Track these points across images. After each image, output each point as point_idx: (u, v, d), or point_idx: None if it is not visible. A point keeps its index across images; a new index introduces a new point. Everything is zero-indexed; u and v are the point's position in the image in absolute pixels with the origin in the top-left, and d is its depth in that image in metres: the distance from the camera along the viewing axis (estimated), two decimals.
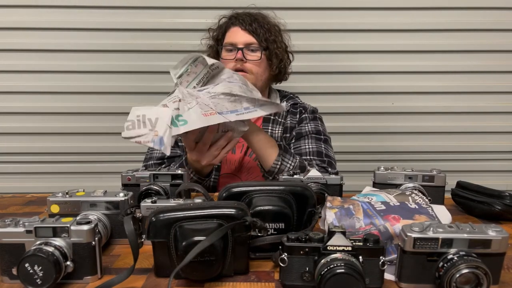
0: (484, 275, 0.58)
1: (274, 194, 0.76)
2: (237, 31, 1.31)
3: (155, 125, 0.92)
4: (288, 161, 1.17)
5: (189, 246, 0.63)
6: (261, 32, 1.30)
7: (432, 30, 1.85)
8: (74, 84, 1.86)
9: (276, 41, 1.33)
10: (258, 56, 1.30)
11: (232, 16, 1.35)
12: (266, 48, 1.31)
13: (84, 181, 1.93)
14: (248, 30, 1.30)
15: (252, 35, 1.30)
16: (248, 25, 1.30)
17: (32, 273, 0.61)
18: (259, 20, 1.32)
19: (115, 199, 0.80)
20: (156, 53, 1.85)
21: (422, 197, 0.84)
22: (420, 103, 1.92)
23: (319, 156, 1.29)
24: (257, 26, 1.30)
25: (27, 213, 1.04)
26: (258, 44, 1.30)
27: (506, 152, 1.97)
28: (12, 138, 1.91)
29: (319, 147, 1.32)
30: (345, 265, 0.58)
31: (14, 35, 1.82)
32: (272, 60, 1.33)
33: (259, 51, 1.30)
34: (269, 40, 1.31)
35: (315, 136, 1.35)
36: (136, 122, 0.93)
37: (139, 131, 0.92)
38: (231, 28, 1.33)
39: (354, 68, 1.88)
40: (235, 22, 1.32)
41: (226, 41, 1.33)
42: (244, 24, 1.30)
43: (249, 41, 1.30)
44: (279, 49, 1.34)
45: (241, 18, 1.32)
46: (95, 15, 1.81)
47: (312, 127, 1.37)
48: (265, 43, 1.30)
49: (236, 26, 1.32)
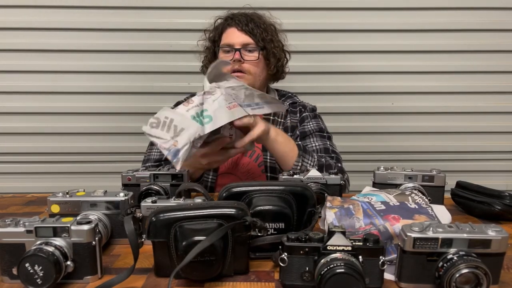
0: (484, 275, 0.58)
1: (274, 194, 0.77)
2: (234, 32, 1.31)
3: (178, 134, 0.88)
4: (308, 160, 1.16)
5: (189, 246, 0.63)
6: (257, 32, 1.30)
7: (432, 30, 1.85)
8: (74, 84, 1.87)
9: (273, 40, 1.33)
10: (256, 56, 1.30)
11: (228, 17, 1.35)
12: (263, 48, 1.31)
13: (84, 181, 1.93)
14: (244, 31, 1.30)
15: (248, 35, 1.29)
16: (245, 25, 1.30)
17: (33, 273, 0.61)
18: (255, 20, 1.32)
19: (115, 199, 0.81)
20: (156, 53, 1.85)
21: (422, 197, 0.84)
22: (420, 103, 1.92)
23: (326, 152, 1.29)
24: (253, 26, 1.30)
25: (27, 213, 1.04)
26: (255, 44, 1.30)
27: (506, 152, 1.97)
28: (12, 138, 1.91)
29: (325, 144, 1.32)
30: (345, 265, 0.58)
31: (14, 35, 1.82)
32: (269, 60, 1.33)
33: (257, 51, 1.30)
34: (266, 40, 1.31)
35: (319, 134, 1.35)
36: (162, 122, 0.89)
37: (161, 133, 0.89)
38: (227, 29, 1.33)
39: (354, 68, 1.88)
40: (231, 23, 1.32)
41: (223, 42, 1.33)
42: (240, 25, 1.30)
43: (246, 41, 1.29)
44: (276, 48, 1.34)
45: (237, 19, 1.31)
46: (95, 15, 1.81)
47: (314, 125, 1.37)
48: (262, 42, 1.30)
49: (232, 27, 1.32)
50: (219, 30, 1.35)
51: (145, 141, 1.41)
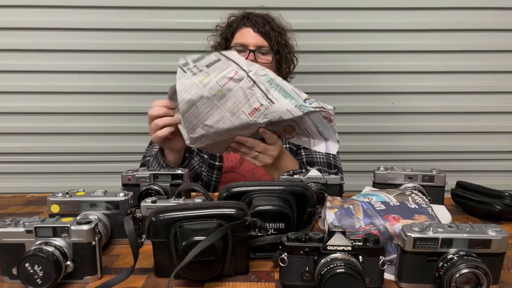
0: (484, 275, 0.58)
1: (274, 194, 0.77)
2: (249, 32, 1.28)
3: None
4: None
5: (189, 246, 0.63)
6: (273, 35, 1.27)
7: (432, 30, 1.85)
8: (74, 84, 1.86)
9: (287, 45, 1.32)
10: (269, 60, 1.28)
11: (243, 16, 1.32)
12: (277, 52, 1.29)
13: (84, 181, 1.93)
14: (260, 32, 1.27)
15: (264, 37, 1.27)
16: (261, 27, 1.27)
17: (32, 273, 0.61)
18: (271, 23, 1.30)
19: (115, 199, 0.80)
20: (156, 53, 1.85)
21: (422, 197, 0.84)
22: (420, 103, 1.92)
23: (329, 167, 1.29)
24: (269, 29, 1.27)
25: (27, 213, 1.04)
26: (270, 47, 1.28)
27: (506, 152, 1.97)
28: (12, 138, 1.91)
29: (329, 158, 1.31)
30: (345, 265, 0.58)
31: (14, 35, 1.82)
32: (281, 65, 1.31)
33: (270, 55, 1.28)
34: (281, 44, 1.29)
35: None
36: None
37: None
38: (242, 28, 1.30)
39: (354, 68, 1.88)
40: (247, 23, 1.29)
41: (236, 41, 1.30)
42: (256, 26, 1.27)
43: (261, 43, 1.27)
44: (289, 54, 1.32)
45: (254, 20, 1.29)
46: (95, 15, 1.81)
47: None
48: (277, 46, 1.28)
49: (248, 27, 1.29)
50: (233, 28, 1.32)
51: (145, 141, 1.41)
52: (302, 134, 1.03)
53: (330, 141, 1.03)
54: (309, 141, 1.04)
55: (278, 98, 0.95)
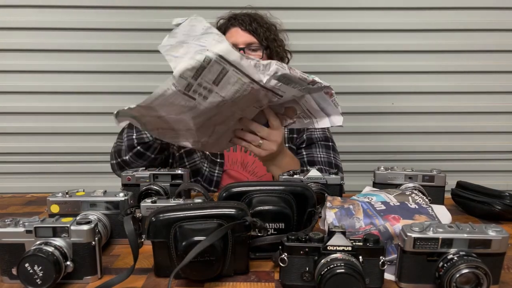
0: (484, 275, 0.58)
1: (274, 194, 0.77)
2: (237, 31, 1.31)
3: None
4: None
5: (189, 246, 0.63)
6: (261, 31, 1.30)
7: (432, 30, 1.85)
8: (74, 84, 1.86)
9: (276, 39, 1.34)
10: (260, 55, 1.30)
11: (230, 17, 1.35)
12: (267, 47, 1.31)
13: (84, 181, 1.93)
14: (248, 30, 1.30)
15: (252, 34, 1.30)
16: (248, 25, 1.30)
17: (32, 273, 0.61)
18: (258, 19, 1.32)
19: (115, 199, 0.80)
20: (156, 53, 1.83)
21: (422, 197, 0.84)
22: (420, 103, 1.92)
23: (330, 166, 1.30)
24: (256, 25, 1.30)
25: (27, 213, 1.04)
26: (259, 43, 1.30)
27: (506, 152, 1.97)
28: (12, 138, 1.91)
29: (329, 157, 1.33)
30: (345, 265, 0.58)
31: (14, 35, 1.82)
32: (273, 59, 1.33)
33: (260, 50, 1.30)
34: (269, 39, 1.31)
35: (325, 144, 1.35)
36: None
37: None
38: (230, 29, 1.33)
39: (354, 68, 1.88)
40: (234, 22, 1.32)
41: None
42: (244, 24, 1.30)
43: (250, 40, 1.30)
44: (280, 48, 1.34)
45: (240, 19, 1.31)
46: (95, 15, 1.81)
47: (320, 133, 1.37)
48: (266, 42, 1.30)
49: (235, 26, 1.32)
50: (222, 30, 1.34)
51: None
52: (304, 117, 1.04)
53: (333, 115, 1.03)
54: (311, 121, 1.05)
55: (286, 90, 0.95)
